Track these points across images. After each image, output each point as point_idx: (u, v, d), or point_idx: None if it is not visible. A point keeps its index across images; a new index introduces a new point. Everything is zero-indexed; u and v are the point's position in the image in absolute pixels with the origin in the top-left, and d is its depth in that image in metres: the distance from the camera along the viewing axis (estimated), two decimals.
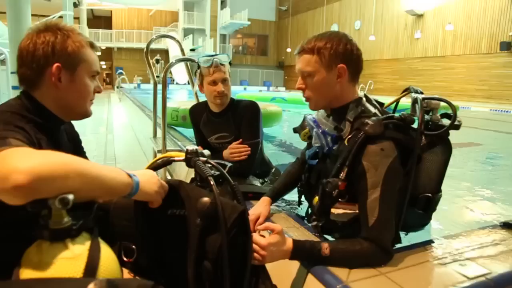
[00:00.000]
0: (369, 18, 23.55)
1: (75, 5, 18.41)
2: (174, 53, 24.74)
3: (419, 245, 1.33)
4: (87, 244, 0.85)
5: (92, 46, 1.21)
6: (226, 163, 1.30)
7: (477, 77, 17.33)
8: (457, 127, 1.35)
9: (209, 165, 1.16)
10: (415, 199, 1.34)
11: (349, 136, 1.24)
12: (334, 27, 26.57)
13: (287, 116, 7.34)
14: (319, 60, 1.27)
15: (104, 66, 40.95)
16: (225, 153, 2.01)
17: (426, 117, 1.39)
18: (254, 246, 1.10)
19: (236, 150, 1.96)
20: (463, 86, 17.96)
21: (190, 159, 1.16)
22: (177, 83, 25.39)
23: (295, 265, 1.19)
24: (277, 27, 33.83)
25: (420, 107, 1.30)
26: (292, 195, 1.71)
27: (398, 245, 1.36)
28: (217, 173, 1.15)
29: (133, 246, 1.12)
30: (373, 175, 1.15)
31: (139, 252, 1.12)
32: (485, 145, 5.87)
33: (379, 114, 1.30)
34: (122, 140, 6.17)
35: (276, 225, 1.17)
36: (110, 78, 33.95)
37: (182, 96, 16.08)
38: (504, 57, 16.21)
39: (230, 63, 2.06)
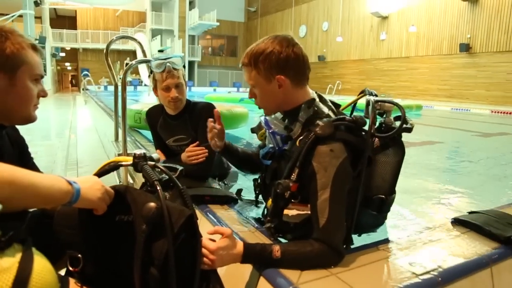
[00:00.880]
0: (336, 19, 23.98)
1: (36, 4, 17.76)
2: (141, 53, 24.29)
3: (372, 245, 1.35)
4: (18, 256, 0.81)
5: (34, 48, 1.16)
6: (178, 166, 1.28)
7: (439, 77, 17.98)
8: (409, 130, 1.36)
9: (159, 170, 1.14)
10: (369, 200, 1.36)
11: (301, 137, 1.24)
12: (303, 29, 26.92)
13: (257, 117, 7.34)
14: (257, 74, 1.28)
15: (69, 68, 39.77)
16: (183, 156, 1.98)
17: (380, 119, 1.41)
18: (203, 250, 1.08)
19: (193, 153, 1.94)
20: (427, 85, 18.59)
21: (138, 164, 1.14)
22: (145, 85, 24.96)
23: (247, 268, 1.18)
24: (246, 28, 33.89)
25: (371, 109, 1.32)
26: (251, 195, 1.70)
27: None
28: (166, 177, 1.13)
29: (79, 255, 1.08)
30: (323, 176, 1.15)
31: (86, 261, 1.08)
32: (446, 143, 6.09)
33: (332, 115, 1.30)
34: (85, 143, 5.99)
35: (225, 228, 1.16)
36: (76, 80, 32.96)
37: (151, 98, 15.81)
38: (464, 58, 16.89)
39: (184, 66, 2.03)
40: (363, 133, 1.29)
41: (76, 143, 5.79)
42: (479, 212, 1.70)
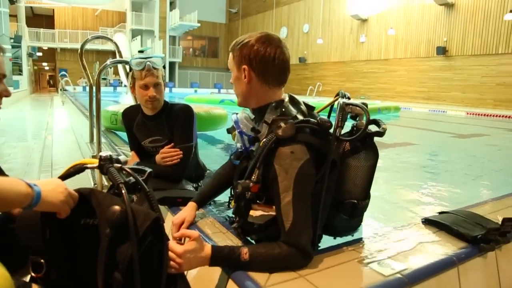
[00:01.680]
0: (317, 21, 24.20)
1: (12, 1, 17.30)
2: (123, 54, 23.97)
3: (343, 245, 1.35)
4: None
5: None
6: (146, 168, 1.26)
7: (417, 79, 18.35)
8: (380, 134, 1.35)
9: (126, 172, 1.12)
10: (341, 205, 1.35)
11: (264, 139, 1.23)
12: (283, 30, 27.06)
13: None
14: (233, 59, 1.32)
15: (46, 68, 38.89)
16: (157, 157, 1.96)
17: (353, 122, 1.40)
18: (170, 254, 1.07)
19: (167, 154, 1.92)
20: (405, 88, 18.93)
21: (103, 166, 1.11)
22: (125, 85, 24.64)
23: (216, 271, 1.17)
24: (228, 29, 33.85)
25: (338, 112, 1.32)
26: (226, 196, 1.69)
27: (323, 246, 1.38)
28: (133, 180, 1.10)
29: (42, 260, 1.05)
30: (284, 179, 1.15)
31: (49, 266, 1.05)
32: (422, 144, 6.20)
33: (300, 117, 1.29)
34: (62, 145, 5.85)
35: (192, 231, 1.14)
36: (53, 80, 32.24)
37: (129, 99, 15.59)
38: (440, 61, 17.29)
39: (164, 67, 2.01)
40: (330, 136, 1.28)
41: (52, 145, 5.66)
42: (449, 212, 1.73)
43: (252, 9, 30.64)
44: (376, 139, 1.38)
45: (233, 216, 1.40)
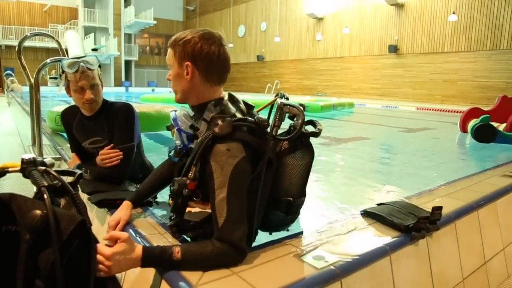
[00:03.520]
0: (274, 20, 24.40)
1: None
2: (74, 52, 23.03)
3: (279, 240, 1.37)
4: None
5: None
6: (76, 170, 1.22)
7: (371, 76, 18.98)
8: (315, 134, 1.39)
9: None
10: (277, 202, 1.37)
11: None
12: (241, 28, 27.09)
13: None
14: (173, 55, 1.30)
15: None
16: (97, 159, 1.90)
17: (291, 122, 1.42)
18: (99, 257, 1.04)
19: (106, 156, 1.86)
20: (360, 84, 19.52)
21: (25, 169, 1.06)
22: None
23: (151, 272, 1.15)
24: (185, 27, 33.36)
25: (275, 112, 1.33)
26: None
27: (262, 241, 1.39)
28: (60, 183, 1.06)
29: None
30: (219, 175, 1.15)
31: None
32: (373, 138, 6.41)
33: (239, 116, 1.30)
34: (6, 147, 5.57)
35: (122, 233, 1.12)
36: None
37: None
38: (392, 58, 17.98)
39: (99, 66, 1.95)
40: (267, 135, 1.29)
41: None
42: (386, 204, 1.80)
43: (210, 7, 30.41)
44: (328, 135, 1.41)
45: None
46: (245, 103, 1.41)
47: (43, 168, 1.07)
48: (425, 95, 16.78)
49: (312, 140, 1.43)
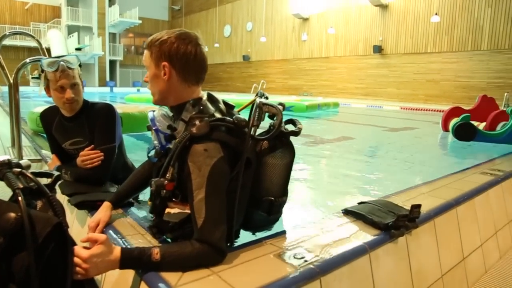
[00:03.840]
0: (260, 20, 24.44)
1: None
2: (57, 51, 22.67)
3: (260, 240, 1.38)
4: None
5: None
6: (54, 172, 1.21)
7: (356, 76, 19.17)
8: (295, 134, 1.39)
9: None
10: (258, 202, 1.37)
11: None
12: (227, 28, 27.06)
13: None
14: (150, 56, 1.29)
15: None
16: (78, 160, 1.88)
17: (270, 122, 1.42)
18: (76, 259, 1.03)
19: (87, 157, 1.84)
20: (345, 84, 19.70)
21: (0, 172, 1.05)
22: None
23: (130, 274, 1.15)
24: (171, 26, 33.11)
25: (254, 111, 1.33)
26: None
27: (243, 241, 1.40)
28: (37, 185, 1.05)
29: None
30: (197, 176, 1.15)
31: None
32: (358, 138, 6.48)
33: (218, 116, 1.29)
34: None
35: (100, 235, 1.11)
36: None
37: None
38: (377, 58, 18.19)
39: (80, 65, 1.92)
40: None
41: None
42: (367, 202, 1.83)
43: (195, 7, 30.30)
44: (313, 134, 1.42)
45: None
46: (225, 103, 1.41)
47: (19, 170, 1.06)
48: (409, 94, 17.02)
49: (297, 140, 1.43)
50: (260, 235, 1.46)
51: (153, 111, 1.37)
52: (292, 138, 1.41)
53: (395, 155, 4.87)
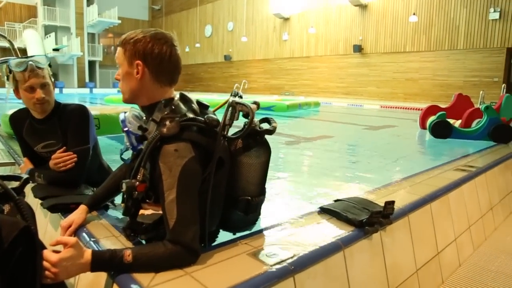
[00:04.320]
0: (241, 20, 24.42)
1: None
2: (34, 52, 22.15)
3: (235, 240, 1.38)
4: None
5: None
6: (22, 175, 1.18)
7: (337, 75, 19.36)
8: (270, 132, 1.38)
9: None
10: (235, 201, 1.37)
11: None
12: (208, 28, 26.95)
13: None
14: (123, 54, 1.28)
15: None
16: (50, 163, 1.84)
17: (245, 121, 1.42)
18: (45, 263, 1.01)
19: (60, 159, 1.80)
20: (326, 83, 19.87)
21: None
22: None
23: (103, 277, 1.13)
24: (151, 26, 32.37)
25: (225, 110, 1.33)
26: None
27: (220, 241, 1.40)
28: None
29: None
30: (168, 176, 1.14)
31: None
32: (338, 136, 6.55)
33: (190, 115, 1.28)
34: None
35: (69, 238, 1.09)
36: None
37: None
38: (357, 58, 18.41)
39: (50, 65, 1.89)
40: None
41: None
42: (342, 200, 1.85)
43: (176, 6, 30.06)
44: (294, 133, 1.42)
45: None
46: (199, 103, 1.40)
47: None
48: (388, 93, 17.29)
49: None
50: (235, 234, 1.47)
51: (125, 112, 1.35)
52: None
53: (374, 153, 4.94)
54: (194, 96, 1.44)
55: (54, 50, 23.97)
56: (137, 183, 1.18)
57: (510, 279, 2.07)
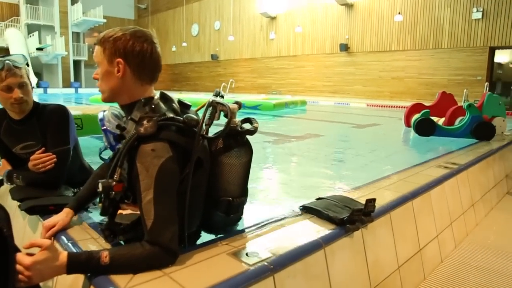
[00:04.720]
0: (227, 19, 24.36)
1: None
2: (16, 51, 21.75)
3: (215, 240, 1.37)
4: None
5: None
6: None
7: (324, 74, 19.45)
8: (251, 132, 1.38)
9: None
10: (216, 202, 1.36)
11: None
12: (195, 27, 26.81)
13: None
14: (102, 52, 1.25)
15: None
16: (29, 164, 1.81)
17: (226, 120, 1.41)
18: (18, 267, 0.99)
19: (39, 161, 1.77)
20: (313, 82, 19.95)
21: None
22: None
23: (80, 279, 1.12)
24: (137, 25, 32.38)
25: (205, 110, 1.32)
26: None
27: (200, 241, 1.39)
28: None
29: None
30: (145, 177, 1.13)
31: None
32: (325, 135, 6.59)
33: (170, 115, 1.26)
34: None
35: (44, 240, 1.07)
36: None
37: None
38: (343, 56, 18.53)
39: (27, 64, 1.85)
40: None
41: None
42: (324, 198, 1.86)
43: (162, 5, 29.83)
44: (280, 132, 1.41)
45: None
46: (181, 102, 1.38)
47: None
48: (374, 92, 17.44)
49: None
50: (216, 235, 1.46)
51: (104, 111, 1.34)
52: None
53: (359, 151, 4.98)
54: (182, 96, 1.42)
55: (38, 49, 23.57)
56: (114, 183, 1.17)
57: (491, 274, 2.10)
